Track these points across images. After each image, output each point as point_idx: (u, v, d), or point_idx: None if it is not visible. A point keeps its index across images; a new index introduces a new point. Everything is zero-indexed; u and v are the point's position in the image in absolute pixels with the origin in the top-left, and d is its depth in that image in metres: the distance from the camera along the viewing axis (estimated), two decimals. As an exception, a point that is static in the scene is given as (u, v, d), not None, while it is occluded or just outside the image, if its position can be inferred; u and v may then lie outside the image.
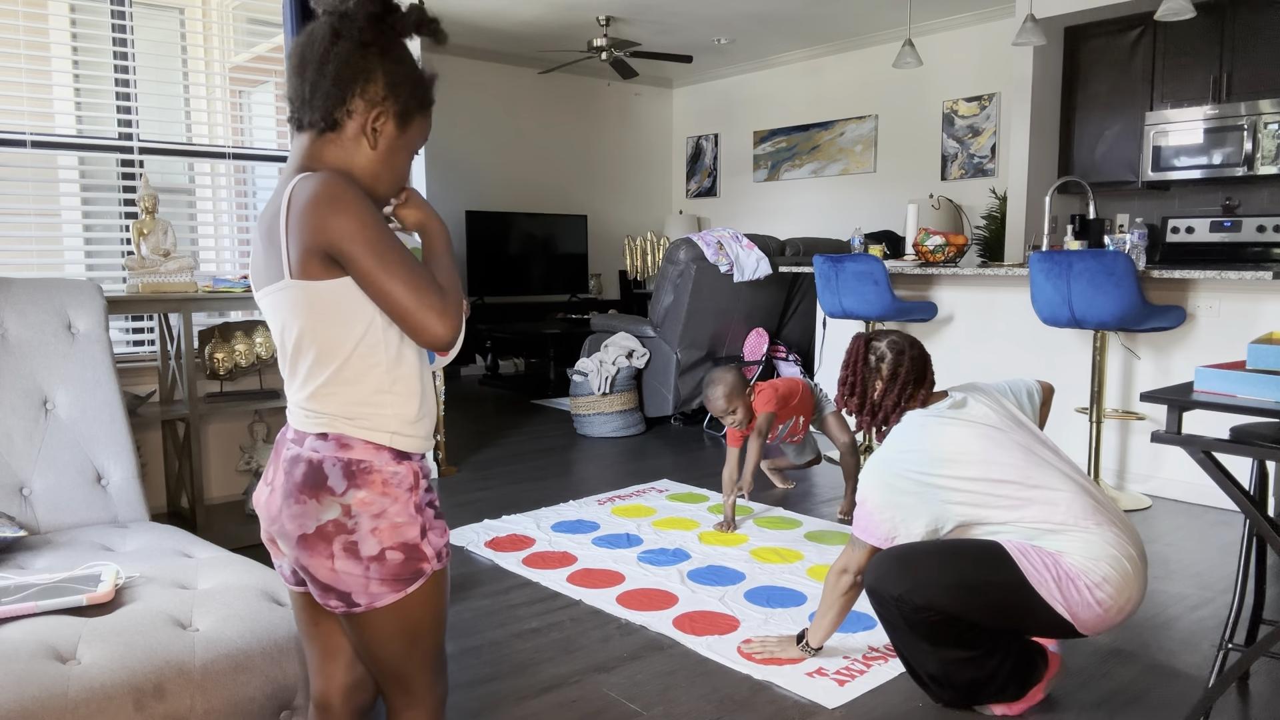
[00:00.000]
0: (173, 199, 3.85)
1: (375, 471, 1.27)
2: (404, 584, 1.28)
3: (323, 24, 1.26)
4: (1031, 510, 2.03)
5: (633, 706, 2.20)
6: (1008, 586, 1.99)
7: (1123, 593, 1.98)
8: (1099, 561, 1.98)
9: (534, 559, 3.22)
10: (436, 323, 1.20)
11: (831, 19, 7.01)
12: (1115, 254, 3.56)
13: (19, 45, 3.40)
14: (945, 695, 2.15)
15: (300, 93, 1.26)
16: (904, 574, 2.04)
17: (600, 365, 5.33)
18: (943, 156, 7.14)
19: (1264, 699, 2.24)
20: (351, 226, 1.18)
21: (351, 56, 1.25)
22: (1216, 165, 5.23)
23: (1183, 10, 4.45)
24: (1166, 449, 3.98)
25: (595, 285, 8.84)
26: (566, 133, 8.72)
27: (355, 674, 1.45)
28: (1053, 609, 1.98)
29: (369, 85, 1.26)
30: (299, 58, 1.27)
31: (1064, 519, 2.01)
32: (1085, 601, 1.97)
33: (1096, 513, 2.04)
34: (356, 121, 1.27)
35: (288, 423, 1.35)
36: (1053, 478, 2.07)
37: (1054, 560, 1.99)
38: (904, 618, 2.06)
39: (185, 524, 3.31)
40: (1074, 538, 2.00)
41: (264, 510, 1.33)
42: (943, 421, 2.14)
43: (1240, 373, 1.86)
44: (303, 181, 1.21)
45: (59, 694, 1.47)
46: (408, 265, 1.19)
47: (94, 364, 2.44)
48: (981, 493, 2.05)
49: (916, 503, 2.08)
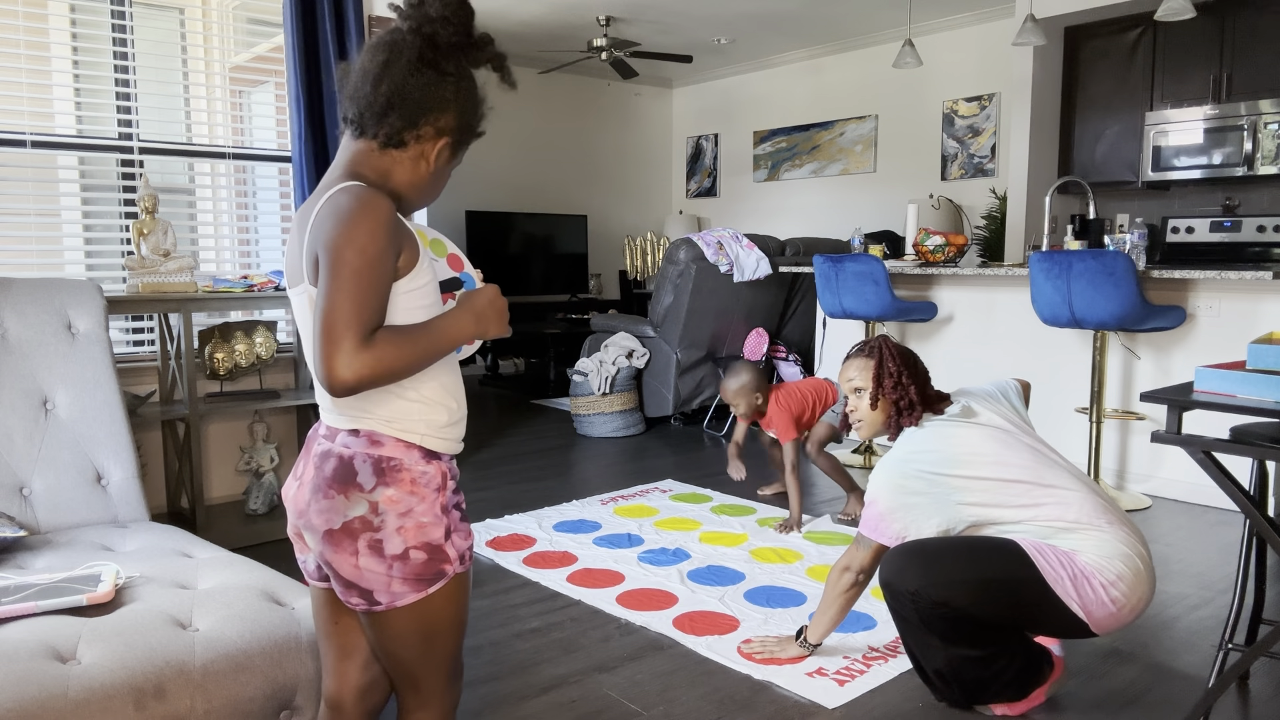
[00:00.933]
0: (173, 199, 3.85)
1: (405, 470, 1.27)
2: (426, 584, 1.28)
3: (408, 41, 1.25)
4: (1045, 510, 2.03)
5: (633, 706, 2.20)
6: (1025, 584, 1.99)
7: (1135, 590, 1.99)
8: (1113, 560, 1.98)
9: (534, 559, 3.22)
10: (335, 360, 1.12)
11: (831, 19, 7.01)
12: (1115, 254, 3.56)
13: (19, 45, 3.40)
14: (949, 693, 2.15)
15: (372, 103, 1.26)
16: (922, 569, 2.04)
17: (600, 365, 5.33)
18: (943, 156, 7.14)
19: (1264, 699, 2.24)
20: (341, 240, 1.16)
21: (435, 86, 1.26)
22: (1216, 165, 5.23)
23: (1183, 10, 4.45)
24: (1166, 449, 3.98)
25: (595, 285, 8.84)
26: (566, 133, 8.72)
27: (370, 674, 1.45)
28: (1068, 607, 1.98)
29: (443, 116, 1.28)
30: (378, 67, 1.25)
31: (1077, 518, 2.01)
32: (1100, 600, 1.97)
33: (1107, 512, 2.04)
34: (421, 146, 1.29)
35: (320, 419, 1.36)
36: (1063, 477, 2.07)
37: (1069, 558, 1.99)
38: (918, 612, 2.05)
39: (185, 524, 3.31)
40: (1088, 536, 2.00)
41: (292, 504, 1.34)
42: (955, 424, 2.15)
43: (1240, 373, 1.86)
44: (341, 192, 1.22)
45: (59, 694, 1.47)
46: (358, 298, 1.13)
47: (94, 364, 2.44)
48: (995, 492, 2.05)
49: (929, 502, 2.08)
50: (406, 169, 1.30)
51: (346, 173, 1.27)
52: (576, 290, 8.59)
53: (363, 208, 1.18)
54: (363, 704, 1.46)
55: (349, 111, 1.29)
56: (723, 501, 3.96)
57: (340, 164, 1.30)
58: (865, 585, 2.23)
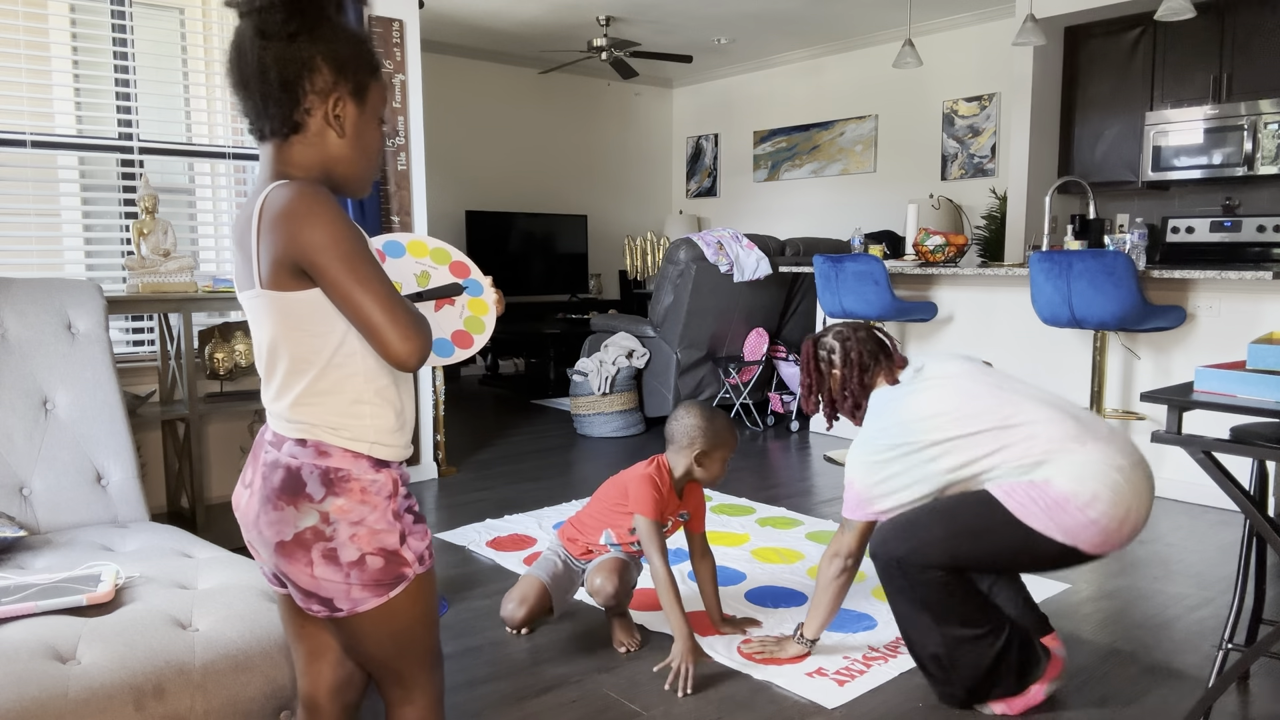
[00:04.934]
0: (173, 199, 3.85)
1: (353, 480, 1.25)
2: (386, 588, 1.27)
3: (245, 30, 1.21)
4: (1013, 450, 2.04)
5: (633, 706, 2.20)
6: (1000, 527, 2.02)
7: (1117, 506, 1.97)
8: (1086, 481, 1.97)
9: (535, 559, 3.21)
10: (402, 342, 1.17)
11: (831, 19, 7.01)
12: (1115, 254, 3.56)
13: (19, 45, 3.40)
14: (947, 685, 2.16)
15: (254, 107, 1.23)
16: (904, 536, 2.10)
17: (600, 365, 5.33)
18: (943, 156, 7.14)
19: (1264, 699, 2.24)
20: (323, 239, 1.15)
21: (285, 54, 1.20)
22: (1216, 165, 5.23)
23: (1183, 10, 4.45)
24: (1166, 449, 3.98)
25: (595, 285, 8.84)
26: (566, 133, 8.72)
27: (343, 672, 1.45)
28: (1050, 538, 1.99)
29: (315, 76, 1.22)
30: (238, 74, 1.22)
31: (1046, 448, 2.02)
32: (1080, 522, 1.97)
33: (1079, 433, 2.04)
34: (317, 117, 1.24)
35: (266, 424, 1.34)
36: (1027, 409, 2.08)
37: (1040, 490, 2.00)
38: (907, 580, 2.10)
39: (185, 524, 3.31)
40: (1058, 463, 2.00)
41: (242, 515, 1.32)
42: (909, 392, 2.18)
43: (1240, 373, 1.86)
44: (276, 191, 1.19)
45: (59, 694, 1.47)
46: (380, 281, 1.17)
47: (94, 364, 2.44)
48: (963, 450, 2.08)
49: (902, 470, 2.12)
50: (319, 145, 1.25)
51: (272, 175, 1.25)
52: (576, 290, 8.59)
53: (300, 201, 1.16)
54: (338, 701, 1.45)
55: (247, 124, 1.26)
56: (723, 501, 3.96)
57: (263, 172, 1.27)
58: (855, 570, 2.26)
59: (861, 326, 2.36)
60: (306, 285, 1.20)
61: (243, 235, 1.23)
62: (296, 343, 1.24)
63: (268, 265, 1.20)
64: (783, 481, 4.33)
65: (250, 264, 1.22)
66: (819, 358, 2.34)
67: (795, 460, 4.77)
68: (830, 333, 2.35)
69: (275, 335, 1.24)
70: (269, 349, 1.27)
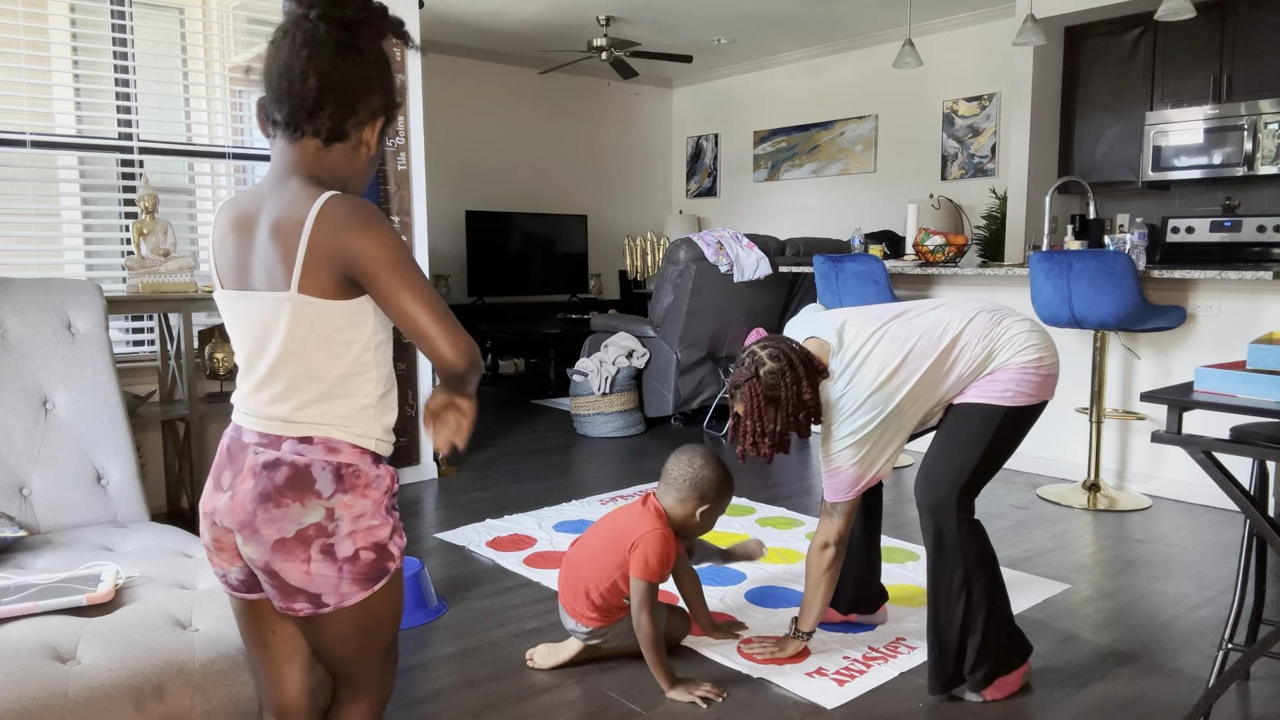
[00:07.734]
0: (173, 199, 3.85)
1: (361, 474, 1.29)
2: (372, 582, 1.31)
3: (322, 29, 1.22)
4: (960, 365, 2.17)
5: (633, 707, 2.20)
6: (1003, 425, 2.16)
7: (1053, 352, 2.20)
8: (1027, 351, 2.16)
9: (535, 559, 3.21)
10: (452, 348, 1.22)
11: (831, 19, 7.01)
12: (1115, 254, 3.56)
13: (19, 45, 3.40)
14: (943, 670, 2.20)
15: (303, 101, 1.23)
16: (937, 480, 2.19)
17: (600, 365, 5.33)
18: (943, 156, 7.14)
19: (1264, 699, 2.24)
20: (385, 253, 1.19)
21: (360, 69, 1.25)
22: (1217, 165, 5.23)
23: (1183, 10, 4.45)
24: (1167, 449, 3.98)
25: (595, 285, 8.84)
26: (566, 133, 8.72)
27: (316, 675, 1.45)
28: (1034, 405, 2.18)
29: (372, 97, 1.27)
30: (302, 62, 1.22)
31: (984, 347, 2.17)
32: (1044, 377, 2.17)
33: (994, 317, 2.20)
34: (360, 132, 1.29)
35: (241, 427, 1.32)
36: (947, 321, 2.19)
37: (1005, 376, 2.15)
38: (959, 512, 2.18)
39: (185, 524, 3.31)
40: (999, 352, 2.17)
41: (224, 516, 1.30)
42: (856, 365, 2.19)
43: (1240, 373, 1.86)
44: (336, 201, 1.20)
45: (59, 694, 1.47)
46: (431, 291, 1.23)
47: (94, 364, 2.44)
48: (921, 392, 2.17)
49: (882, 430, 2.18)
50: (351, 159, 1.30)
51: (299, 174, 1.25)
52: (576, 290, 8.59)
53: (365, 214, 1.20)
54: (313, 705, 1.45)
55: (277, 113, 1.26)
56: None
57: (287, 167, 1.26)
58: (843, 554, 2.30)
59: (768, 337, 2.27)
60: (350, 295, 1.23)
61: (278, 231, 1.22)
62: (319, 348, 1.24)
63: (315, 271, 1.20)
64: (782, 482, 4.33)
65: (283, 265, 1.22)
66: (769, 384, 2.14)
67: (795, 460, 4.77)
68: (755, 360, 2.19)
69: (289, 338, 1.24)
70: (278, 354, 1.26)
